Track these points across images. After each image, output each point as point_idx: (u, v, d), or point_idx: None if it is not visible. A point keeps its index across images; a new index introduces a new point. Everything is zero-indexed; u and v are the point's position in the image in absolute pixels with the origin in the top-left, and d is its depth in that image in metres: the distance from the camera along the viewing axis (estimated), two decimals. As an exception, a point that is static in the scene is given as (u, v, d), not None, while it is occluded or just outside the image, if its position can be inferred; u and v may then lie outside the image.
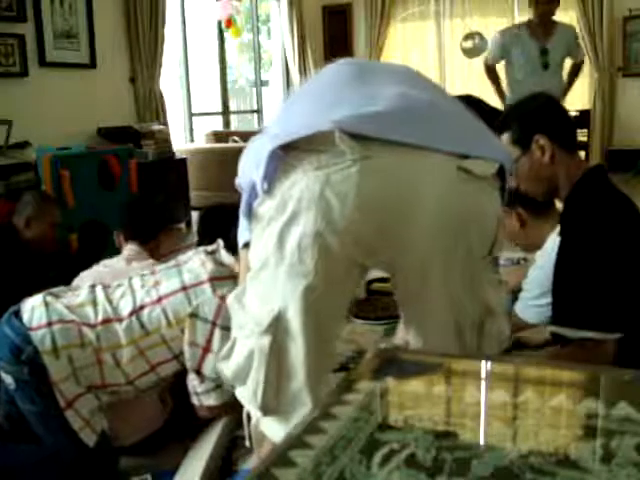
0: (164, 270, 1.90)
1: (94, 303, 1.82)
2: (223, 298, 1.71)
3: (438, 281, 1.19)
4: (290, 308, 1.15)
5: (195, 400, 1.86)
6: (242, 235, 1.33)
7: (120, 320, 1.79)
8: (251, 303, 1.23)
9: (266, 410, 1.20)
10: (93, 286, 1.89)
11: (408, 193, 1.13)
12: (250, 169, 1.21)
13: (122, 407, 1.90)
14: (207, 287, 1.79)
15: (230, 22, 6.43)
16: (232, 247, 1.98)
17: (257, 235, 1.21)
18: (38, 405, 1.74)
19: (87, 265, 2.42)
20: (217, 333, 1.76)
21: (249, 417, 1.35)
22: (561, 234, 1.59)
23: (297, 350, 1.17)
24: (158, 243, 2.43)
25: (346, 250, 1.14)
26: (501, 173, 1.23)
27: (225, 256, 1.88)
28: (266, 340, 1.16)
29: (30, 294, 1.91)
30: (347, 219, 1.11)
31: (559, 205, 1.81)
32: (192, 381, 1.82)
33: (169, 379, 1.91)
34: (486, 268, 1.25)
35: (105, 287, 1.88)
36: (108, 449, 1.83)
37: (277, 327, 1.16)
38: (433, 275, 1.19)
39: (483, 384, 0.84)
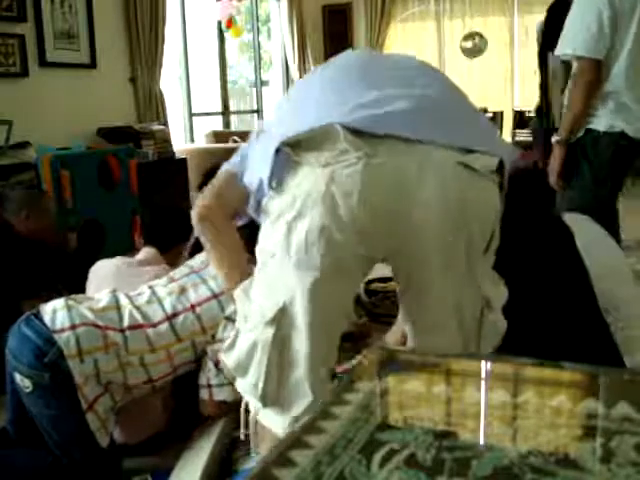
0: (184, 278, 1.93)
1: (117, 308, 1.83)
2: None
3: (440, 272, 1.22)
4: (297, 300, 1.18)
5: (205, 393, 1.87)
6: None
7: (153, 325, 1.80)
8: (257, 295, 1.26)
9: (266, 401, 1.22)
10: (114, 291, 1.90)
11: (410, 189, 1.16)
12: (258, 167, 1.25)
13: (125, 410, 1.90)
14: None
15: (230, 22, 6.43)
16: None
17: (266, 229, 1.25)
18: (53, 409, 1.72)
19: (85, 265, 2.42)
20: None
21: (247, 410, 1.36)
22: None
23: (300, 342, 1.19)
24: (174, 251, 2.46)
25: (352, 244, 1.17)
26: (500, 169, 1.25)
27: None
28: (270, 332, 1.19)
29: (34, 294, 1.91)
30: (352, 215, 1.14)
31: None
32: (208, 372, 1.85)
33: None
34: (485, 262, 1.28)
35: (126, 294, 1.89)
36: (114, 451, 1.83)
37: (281, 319, 1.19)
38: (435, 266, 1.22)
39: (483, 384, 0.84)
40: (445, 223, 1.19)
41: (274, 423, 1.23)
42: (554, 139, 2.63)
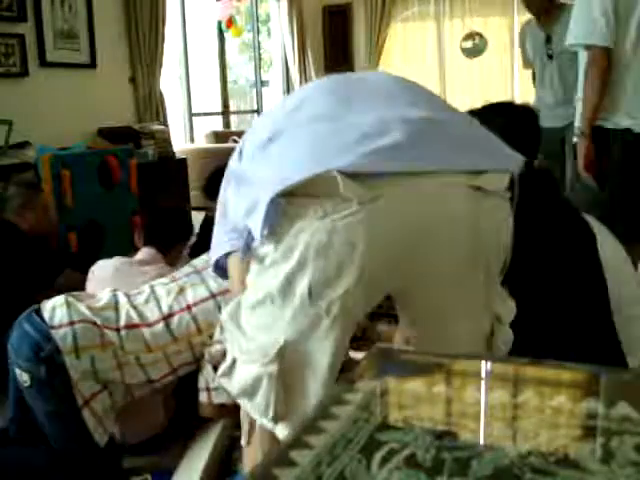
0: (185, 277, 1.93)
1: (116, 307, 1.84)
2: None
3: (456, 307, 1.21)
4: (303, 344, 1.15)
5: (204, 397, 1.87)
6: (221, 246, 1.36)
7: (148, 325, 1.81)
8: (252, 330, 1.22)
9: (277, 420, 1.20)
10: (114, 291, 1.90)
11: (421, 228, 1.12)
12: (241, 214, 1.19)
13: (126, 409, 1.91)
14: None
15: (230, 22, 6.43)
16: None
17: (257, 272, 1.20)
18: (51, 404, 1.74)
19: (85, 265, 2.43)
20: None
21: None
22: None
23: (314, 381, 1.17)
24: (173, 251, 2.45)
25: (358, 293, 1.13)
26: (511, 184, 1.22)
27: None
28: (274, 367, 1.16)
29: (39, 294, 1.93)
30: (358, 266, 1.09)
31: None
32: (206, 375, 1.84)
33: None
34: (498, 281, 1.26)
35: (126, 293, 1.90)
36: (113, 449, 1.84)
37: (284, 355, 1.15)
38: (452, 298, 1.20)
39: (483, 384, 0.84)
40: (463, 259, 1.16)
41: (286, 435, 1.23)
42: (577, 133, 2.67)
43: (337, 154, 1.10)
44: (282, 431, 1.22)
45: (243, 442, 1.41)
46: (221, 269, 1.46)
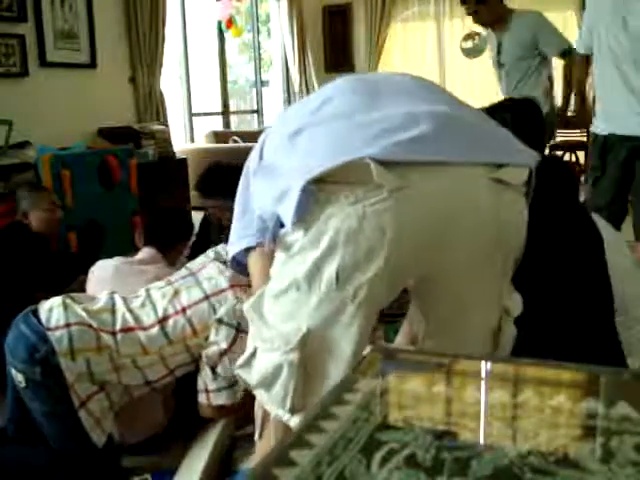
0: (180, 280, 1.93)
1: (112, 310, 1.84)
2: None
3: (475, 292, 1.23)
4: (326, 330, 1.16)
5: (203, 398, 1.87)
6: (239, 242, 1.37)
7: (144, 329, 1.81)
8: (275, 318, 1.23)
9: (294, 412, 1.21)
10: (112, 293, 1.90)
11: (447, 216, 1.15)
12: (269, 203, 1.21)
13: (126, 409, 1.91)
14: (229, 294, 1.83)
15: (230, 22, 6.44)
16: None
17: (282, 259, 1.21)
18: (48, 405, 1.74)
19: (85, 265, 2.43)
20: (241, 338, 1.80)
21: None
22: None
23: (335, 368, 1.17)
24: (174, 252, 2.45)
25: (386, 277, 1.14)
26: (529, 179, 1.26)
27: None
28: (295, 356, 1.17)
29: (39, 293, 1.93)
30: (386, 251, 1.11)
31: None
32: (205, 377, 1.84)
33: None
34: (510, 275, 1.30)
35: (123, 296, 1.90)
36: (112, 449, 1.84)
37: (306, 343, 1.16)
38: (471, 287, 1.23)
39: (483, 384, 0.84)
40: (483, 247, 1.19)
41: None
42: None
43: (361, 146, 1.12)
44: (292, 422, 1.22)
45: (256, 436, 1.42)
46: (238, 265, 1.47)
